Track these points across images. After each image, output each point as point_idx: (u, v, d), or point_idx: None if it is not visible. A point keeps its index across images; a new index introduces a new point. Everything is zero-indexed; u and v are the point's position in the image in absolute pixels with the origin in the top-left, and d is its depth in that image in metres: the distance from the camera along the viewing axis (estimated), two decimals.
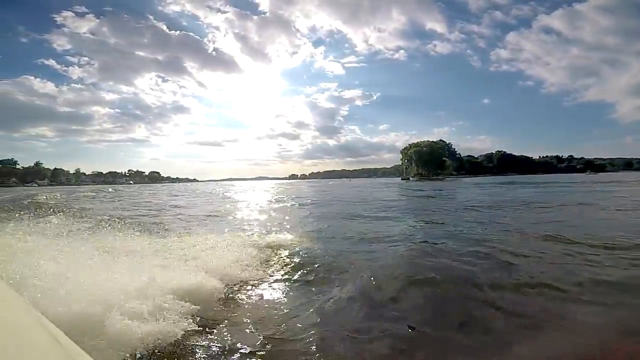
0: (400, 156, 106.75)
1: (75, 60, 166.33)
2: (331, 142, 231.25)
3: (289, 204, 17.70)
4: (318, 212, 13.62)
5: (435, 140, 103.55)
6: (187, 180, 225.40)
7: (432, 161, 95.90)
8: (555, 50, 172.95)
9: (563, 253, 5.29)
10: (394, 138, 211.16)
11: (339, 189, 38.20)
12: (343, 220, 10.54)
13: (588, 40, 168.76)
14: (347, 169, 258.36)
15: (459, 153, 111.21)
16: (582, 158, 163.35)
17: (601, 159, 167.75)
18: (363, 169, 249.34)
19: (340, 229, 8.52)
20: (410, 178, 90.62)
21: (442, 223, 9.29)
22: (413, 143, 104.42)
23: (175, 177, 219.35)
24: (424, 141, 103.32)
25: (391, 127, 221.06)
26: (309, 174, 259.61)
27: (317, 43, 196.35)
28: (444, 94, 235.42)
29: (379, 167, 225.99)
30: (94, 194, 30.57)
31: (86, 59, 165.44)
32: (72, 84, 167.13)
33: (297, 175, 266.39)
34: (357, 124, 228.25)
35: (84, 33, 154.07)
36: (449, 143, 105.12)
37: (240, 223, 10.39)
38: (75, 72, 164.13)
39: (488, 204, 14.66)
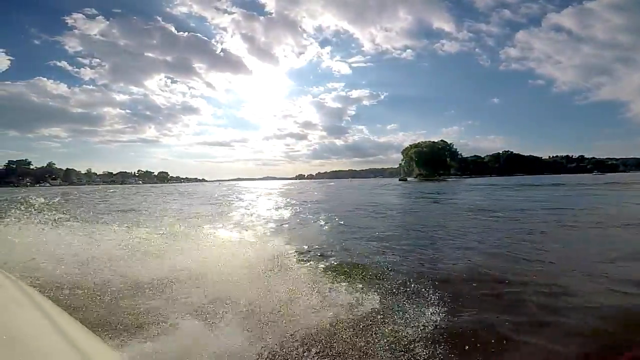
0: (402, 156, 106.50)
1: (86, 61, 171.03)
2: (338, 142, 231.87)
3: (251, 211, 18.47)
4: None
5: (436, 141, 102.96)
6: (196, 180, 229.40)
7: (432, 162, 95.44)
8: (566, 48, 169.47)
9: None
10: (402, 138, 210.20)
11: (321, 191, 38.97)
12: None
13: (600, 39, 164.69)
14: (354, 169, 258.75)
15: (461, 154, 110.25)
16: (592, 158, 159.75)
17: (613, 159, 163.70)
18: (370, 169, 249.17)
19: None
20: (408, 179, 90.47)
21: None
22: (413, 143, 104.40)
23: (184, 177, 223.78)
24: (424, 141, 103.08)
25: (399, 127, 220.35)
26: (316, 174, 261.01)
27: (323, 43, 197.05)
28: (452, 94, 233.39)
29: (386, 167, 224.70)
30: (85, 195, 32.06)
31: (97, 60, 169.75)
32: (84, 85, 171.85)
33: (304, 176, 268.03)
34: (365, 124, 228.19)
35: (95, 35, 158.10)
36: (451, 143, 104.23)
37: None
38: (86, 74, 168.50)
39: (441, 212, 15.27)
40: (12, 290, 1.55)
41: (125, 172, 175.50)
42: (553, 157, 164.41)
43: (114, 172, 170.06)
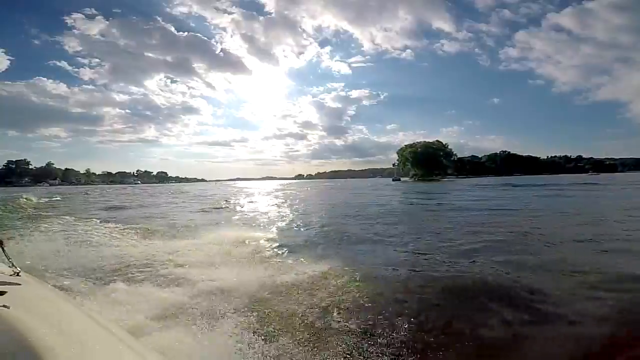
0: (397, 157, 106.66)
1: (86, 61, 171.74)
2: (338, 142, 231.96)
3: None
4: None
5: (430, 141, 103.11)
6: (195, 180, 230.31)
7: (427, 162, 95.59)
8: (566, 48, 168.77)
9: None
10: (401, 138, 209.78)
11: (311, 191, 39.34)
12: None
13: (600, 39, 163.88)
14: (353, 169, 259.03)
15: (456, 154, 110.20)
16: (591, 158, 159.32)
17: (612, 159, 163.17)
18: (369, 169, 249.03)
19: None
20: (402, 179, 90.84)
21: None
22: (409, 144, 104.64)
23: (183, 177, 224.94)
24: (419, 142, 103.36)
25: (399, 127, 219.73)
26: (315, 174, 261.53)
27: (323, 43, 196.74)
28: (452, 94, 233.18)
29: (385, 167, 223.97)
30: (71, 195, 32.58)
31: (97, 60, 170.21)
32: (84, 85, 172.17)
33: (304, 176, 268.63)
34: (365, 124, 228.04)
35: (94, 35, 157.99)
36: (446, 144, 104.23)
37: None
38: (86, 74, 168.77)
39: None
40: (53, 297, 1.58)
41: (124, 172, 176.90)
42: (551, 157, 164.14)
43: (113, 172, 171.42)
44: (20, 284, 1.39)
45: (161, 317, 3.29)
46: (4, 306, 1.11)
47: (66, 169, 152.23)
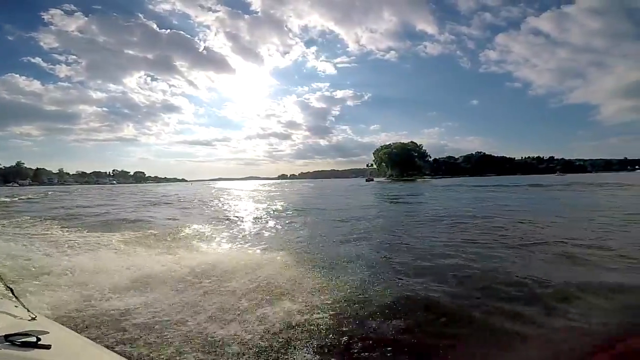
0: (373, 157, 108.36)
1: (62, 58, 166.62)
2: (322, 142, 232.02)
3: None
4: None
5: (405, 142, 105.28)
6: (175, 180, 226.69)
7: (402, 162, 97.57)
8: (543, 52, 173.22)
9: None
10: (384, 138, 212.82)
11: (284, 192, 39.82)
12: None
13: (575, 43, 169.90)
14: (337, 169, 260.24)
15: (430, 155, 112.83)
16: (562, 159, 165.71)
17: (582, 160, 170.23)
18: (352, 169, 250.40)
19: None
20: (375, 179, 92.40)
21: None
22: (384, 144, 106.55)
23: (163, 176, 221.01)
24: (395, 143, 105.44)
25: (382, 128, 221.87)
26: (299, 174, 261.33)
27: (309, 43, 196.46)
28: (434, 95, 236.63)
29: (372, 167, 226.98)
30: (31, 197, 32.03)
31: (74, 57, 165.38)
32: (59, 82, 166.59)
33: (287, 175, 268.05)
34: (349, 124, 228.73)
35: (72, 31, 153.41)
36: (420, 144, 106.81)
37: None
38: (62, 71, 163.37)
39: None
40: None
41: (100, 171, 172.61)
42: (525, 158, 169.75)
43: (88, 172, 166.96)
44: (48, 332, 1.36)
45: None
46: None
47: (37, 168, 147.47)
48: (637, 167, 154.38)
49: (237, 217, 13.14)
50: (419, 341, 2.95)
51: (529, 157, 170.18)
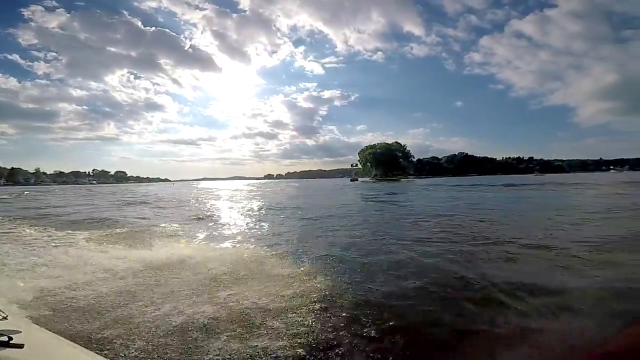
0: (358, 157, 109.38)
1: (41, 55, 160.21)
2: (309, 142, 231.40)
3: None
4: None
5: (390, 142, 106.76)
6: (159, 180, 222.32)
7: (386, 163, 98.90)
8: (525, 54, 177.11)
9: None
10: (370, 138, 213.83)
11: (266, 192, 39.81)
12: None
13: (556, 45, 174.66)
14: (324, 169, 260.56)
15: (413, 155, 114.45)
16: (540, 159, 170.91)
17: (560, 160, 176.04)
18: (339, 169, 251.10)
19: None
20: (360, 179, 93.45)
21: None
22: (369, 145, 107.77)
23: (145, 176, 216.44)
24: (379, 143, 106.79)
25: (368, 128, 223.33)
26: (285, 174, 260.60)
27: (297, 43, 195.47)
28: (419, 96, 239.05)
29: (357, 167, 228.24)
30: None
31: (53, 54, 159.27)
32: (37, 80, 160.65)
33: (273, 175, 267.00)
34: (336, 124, 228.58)
35: (53, 28, 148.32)
36: (404, 145, 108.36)
37: None
38: (40, 68, 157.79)
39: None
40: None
41: (79, 171, 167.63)
42: (506, 158, 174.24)
43: (66, 172, 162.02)
44: (20, 331, 1.33)
45: None
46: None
47: (13, 168, 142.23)
48: (611, 167, 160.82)
49: (208, 215, 13.32)
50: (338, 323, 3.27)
51: (509, 157, 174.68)
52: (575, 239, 7.15)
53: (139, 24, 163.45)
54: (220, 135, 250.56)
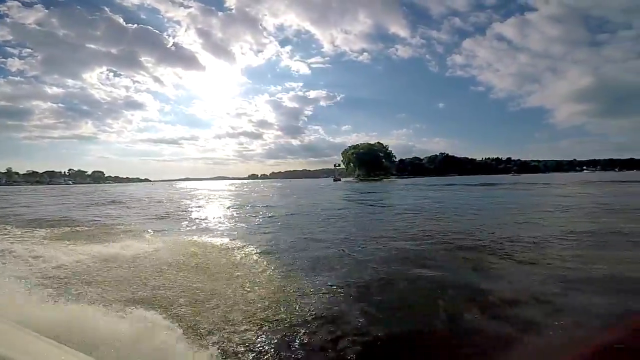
0: (341, 158, 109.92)
1: (15, 52, 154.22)
2: (295, 142, 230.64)
3: None
4: None
5: (372, 143, 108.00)
6: (138, 180, 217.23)
7: (369, 163, 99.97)
8: (505, 57, 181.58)
9: None
10: (355, 139, 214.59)
11: (242, 191, 39.61)
12: None
13: (535, 48, 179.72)
14: (308, 169, 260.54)
15: (395, 156, 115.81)
16: (518, 160, 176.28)
17: (537, 161, 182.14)
18: (323, 169, 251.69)
19: None
20: (342, 179, 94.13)
21: None
22: (352, 145, 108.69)
23: (124, 176, 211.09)
24: (362, 143, 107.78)
25: (353, 128, 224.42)
26: (270, 174, 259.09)
27: (283, 42, 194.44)
28: (403, 97, 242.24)
29: (340, 168, 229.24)
30: None
31: (29, 50, 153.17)
32: (10, 77, 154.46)
33: (258, 175, 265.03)
34: (321, 124, 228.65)
35: (30, 24, 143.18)
36: (386, 145, 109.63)
37: None
38: (14, 64, 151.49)
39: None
40: None
41: (54, 171, 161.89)
42: (485, 159, 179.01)
43: (40, 172, 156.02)
44: None
45: None
46: None
47: None
48: (584, 167, 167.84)
49: (177, 214, 13.35)
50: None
51: (489, 158, 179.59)
52: (515, 238, 7.27)
53: (121, 20, 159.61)
54: (203, 135, 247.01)
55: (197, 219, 11.93)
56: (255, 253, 6.06)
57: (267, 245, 6.80)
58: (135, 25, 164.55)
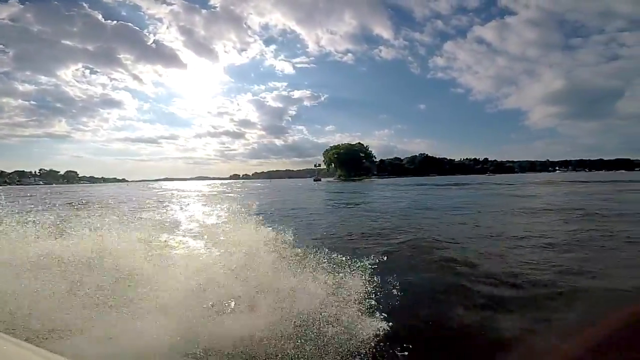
0: (323, 158, 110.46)
1: None
2: (278, 142, 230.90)
3: None
4: None
5: (353, 143, 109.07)
6: (115, 180, 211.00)
7: (349, 163, 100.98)
8: (484, 59, 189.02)
9: None
10: (338, 139, 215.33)
11: (216, 190, 39.26)
12: None
13: (513, 51, 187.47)
14: (292, 168, 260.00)
15: (375, 156, 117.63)
16: (494, 161, 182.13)
17: (512, 161, 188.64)
18: (307, 169, 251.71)
19: None
20: (323, 179, 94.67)
21: None
22: (334, 145, 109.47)
23: (99, 176, 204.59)
24: (343, 144, 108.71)
25: (337, 129, 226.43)
26: (253, 174, 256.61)
27: (268, 41, 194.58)
28: (386, 98, 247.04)
29: (322, 168, 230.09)
30: None
31: (0, 46, 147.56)
32: None
33: (240, 175, 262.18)
34: (305, 125, 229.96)
35: (2, 19, 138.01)
36: (367, 146, 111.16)
37: None
38: None
39: None
40: None
41: (23, 171, 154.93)
42: (463, 159, 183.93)
43: (9, 171, 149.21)
44: None
45: None
46: None
47: None
48: (557, 168, 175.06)
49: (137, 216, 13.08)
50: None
51: (467, 158, 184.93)
52: (458, 237, 7.46)
53: (100, 17, 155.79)
54: (184, 134, 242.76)
55: (157, 217, 11.72)
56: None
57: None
58: (115, 21, 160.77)
